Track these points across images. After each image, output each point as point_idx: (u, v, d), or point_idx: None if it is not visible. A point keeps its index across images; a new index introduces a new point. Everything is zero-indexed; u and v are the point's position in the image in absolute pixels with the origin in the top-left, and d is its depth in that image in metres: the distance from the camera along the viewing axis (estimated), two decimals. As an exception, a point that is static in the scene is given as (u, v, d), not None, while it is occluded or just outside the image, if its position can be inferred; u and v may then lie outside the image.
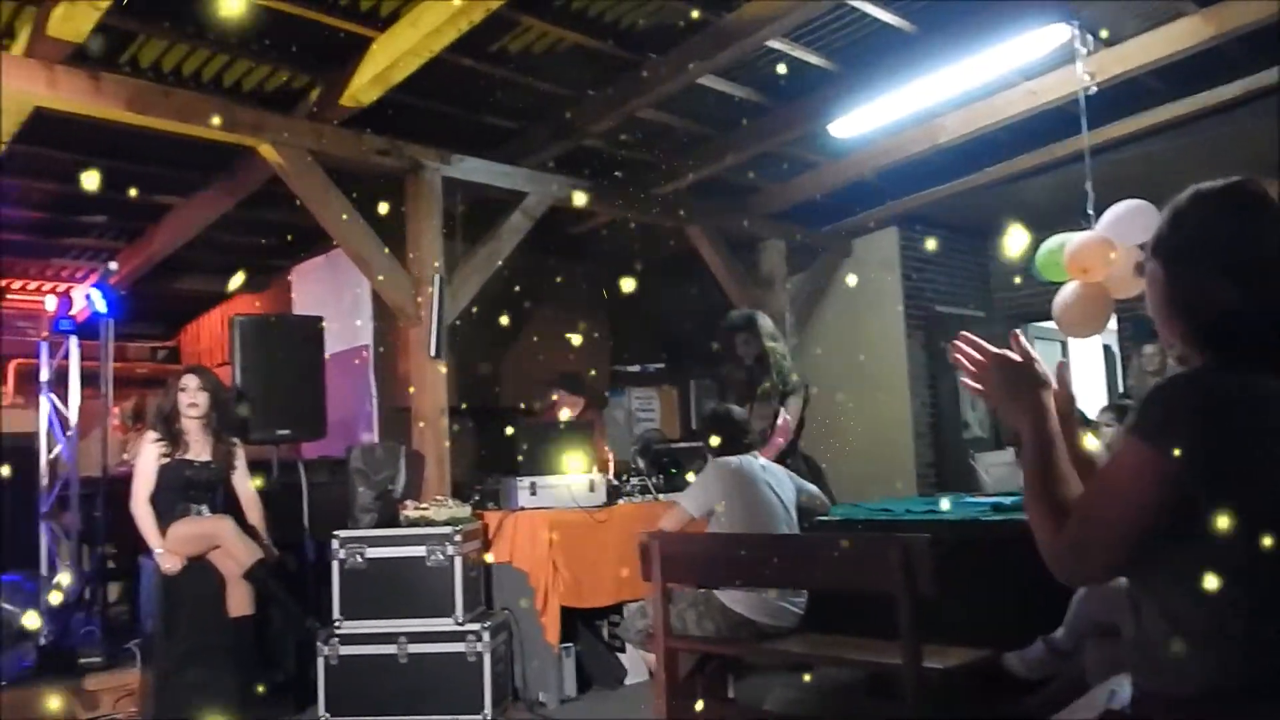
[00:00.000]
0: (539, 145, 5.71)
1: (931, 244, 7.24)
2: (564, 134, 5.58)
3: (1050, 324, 4.21)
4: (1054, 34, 4.78)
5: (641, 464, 4.90)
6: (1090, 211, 4.14)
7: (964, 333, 1.69)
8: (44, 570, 6.01)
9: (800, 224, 7.31)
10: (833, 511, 4.03)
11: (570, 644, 4.35)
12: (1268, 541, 1.26)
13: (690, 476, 4.52)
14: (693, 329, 6.94)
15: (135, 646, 4.70)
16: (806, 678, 3.98)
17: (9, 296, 6.87)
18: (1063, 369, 1.68)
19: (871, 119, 5.55)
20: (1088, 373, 8.50)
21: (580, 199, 5.79)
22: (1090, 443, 1.74)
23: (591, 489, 4.47)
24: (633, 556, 3.46)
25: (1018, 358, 1.60)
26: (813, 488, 3.85)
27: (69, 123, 4.77)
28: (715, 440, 3.75)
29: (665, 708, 3.31)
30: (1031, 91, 5.42)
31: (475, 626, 4.15)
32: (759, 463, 3.71)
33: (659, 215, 6.57)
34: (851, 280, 7.36)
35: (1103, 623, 2.97)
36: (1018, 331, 1.68)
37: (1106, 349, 8.36)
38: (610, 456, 5.16)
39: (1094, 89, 4.83)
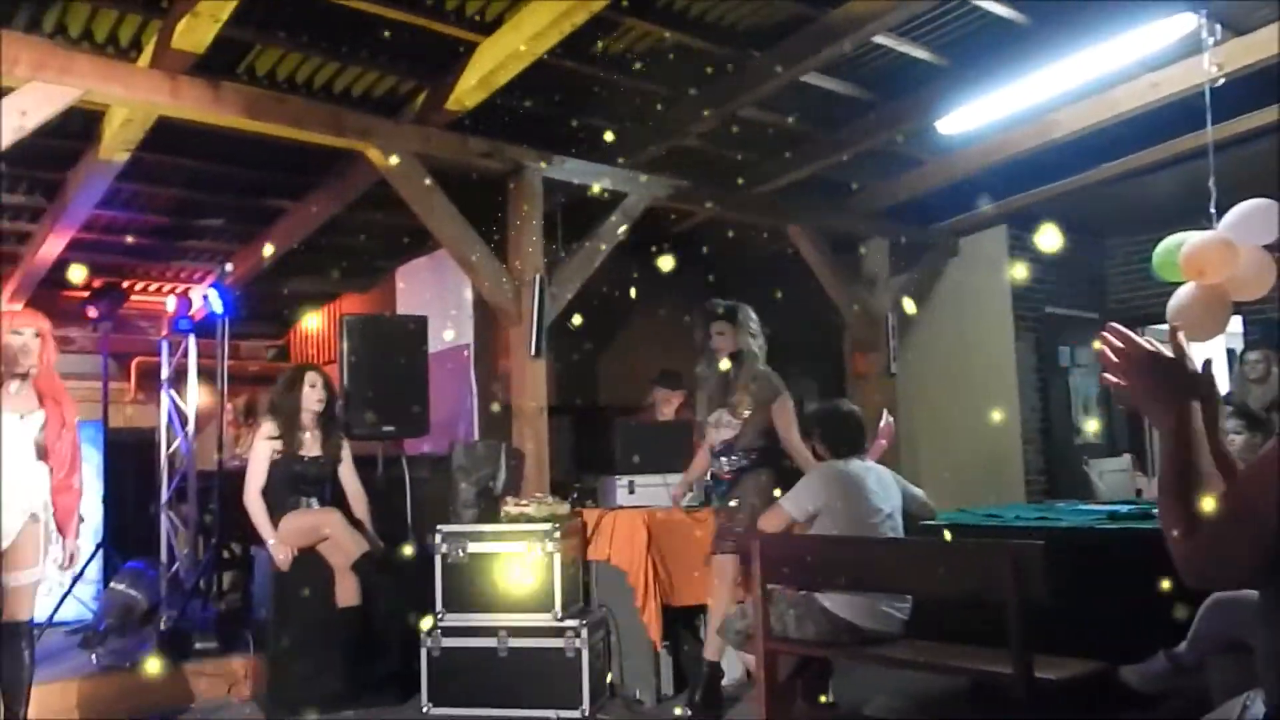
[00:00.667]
0: (639, 145, 5.80)
1: (1042, 243, 7.06)
2: (664, 133, 5.66)
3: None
4: (1179, 24, 4.63)
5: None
6: (1213, 210, 3.99)
7: (1112, 324, 1.63)
8: (164, 558, 6.37)
9: (905, 223, 7.23)
10: (939, 517, 3.99)
11: (668, 643, 4.41)
12: None
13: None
14: (793, 329, 6.92)
15: (249, 633, 4.95)
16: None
17: (132, 297, 7.28)
18: (1209, 367, 1.64)
19: (981, 114, 5.47)
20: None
21: (679, 199, 5.85)
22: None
23: (690, 488, 4.52)
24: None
25: (1170, 354, 1.56)
26: (919, 492, 3.82)
27: (189, 131, 5.05)
28: (822, 441, 3.75)
29: (765, 710, 3.35)
30: (1153, 84, 5.25)
31: (573, 623, 4.25)
32: (865, 465, 3.70)
33: (759, 214, 6.58)
34: (958, 280, 7.23)
35: (1230, 637, 2.87)
36: (1177, 325, 1.62)
37: (1231, 352, 8.00)
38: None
39: (1221, 80, 4.64)
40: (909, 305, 6.90)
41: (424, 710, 4.36)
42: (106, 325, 6.45)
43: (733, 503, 4.16)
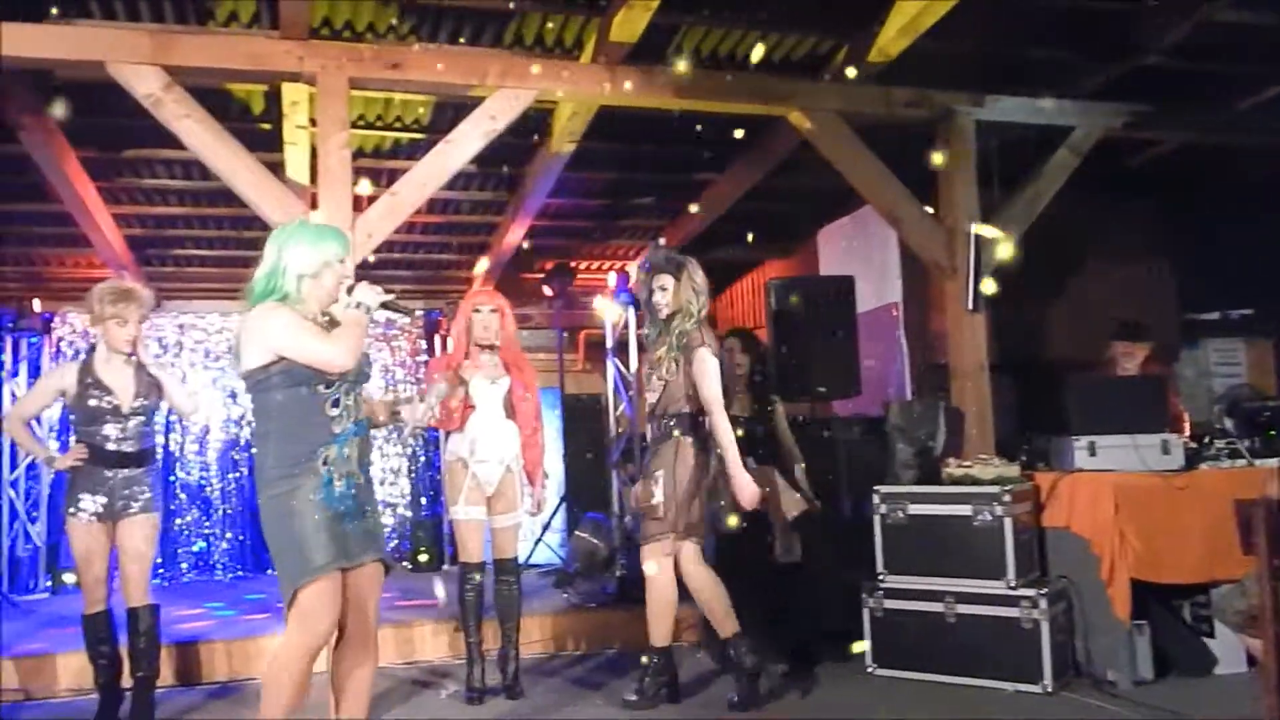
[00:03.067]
0: (1087, 72, 5.34)
1: None
2: (1118, 55, 5.15)
3: None
4: None
5: (1229, 424, 4.33)
6: None
7: None
8: (615, 510, 7.11)
9: None
10: None
11: (1144, 621, 4.05)
12: None
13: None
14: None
15: (696, 584, 5.36)
16: None
17: (578, 275, 8.17)
18: None
19: None
20: None
21: (1141, 127, 5.27)
22: None
23: (1165, 450, 4.09)
24: (1224, 529, 3.13)
25: None
26: None
27: (622, 117, 5.54)
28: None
29: (1273, 704, 2.95)
30: None
31: (1029, 592, 4.07)
32: None
33: (1251, 133, 5.71)
34: None
35: None
36: None
37: None
38: (1185, 415, 4.67)
39: None
40: None
41: (868, 670, 4.44)
42: (559, 302, 7.33)
43: (656, 481, 3.87)
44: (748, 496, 3.90)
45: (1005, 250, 5.07)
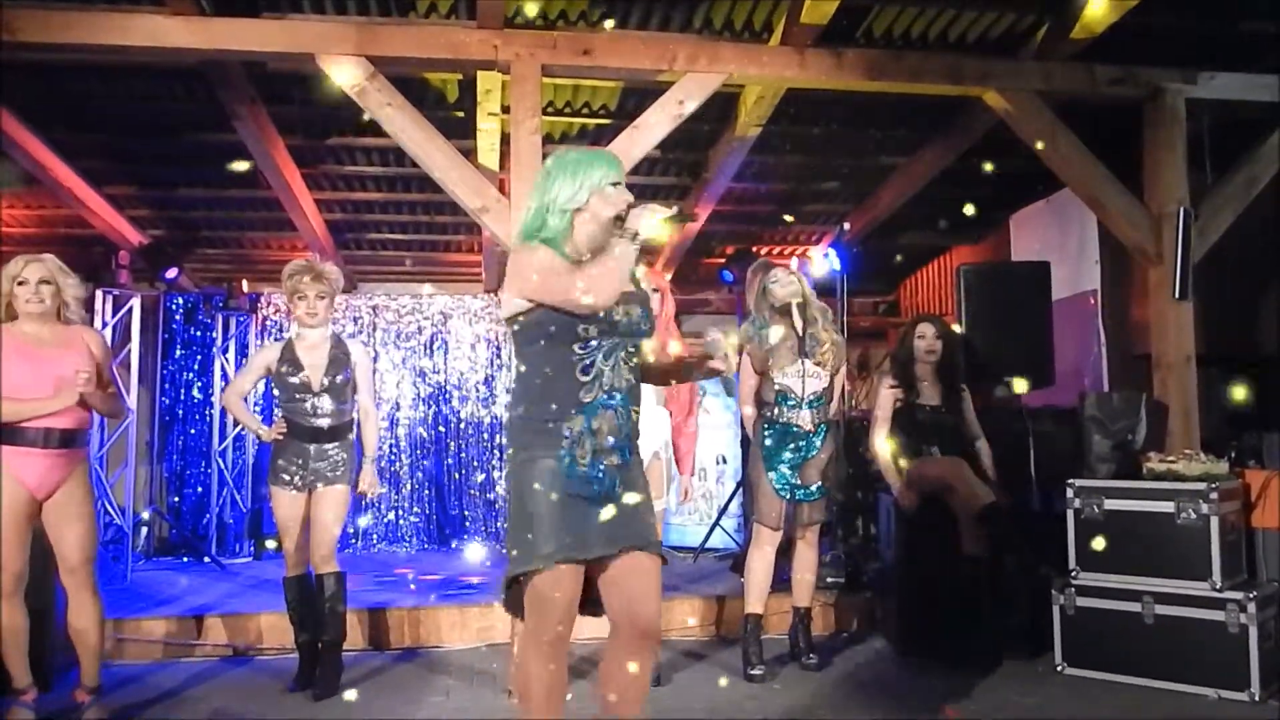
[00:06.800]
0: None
1: None
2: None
3: None
4: None
5: None
6: None
7: None
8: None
9: None
10: None
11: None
12: None
13: None
14: None
15: (874, 574, 5.52)
16: None
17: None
18: None
19: None
20: None
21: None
22: None
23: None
24: None
25: None
26: None
27: (808, 100, 5.68)
28: None
29: None
30: None
31: (1237, 595, 4.06)
32: None
33: None
34: None
35: None
36: None
37: None
38: None
39: None
40: None
41: (1058, 668, 4.50)
42: (739, 288, 7.57)
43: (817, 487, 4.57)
44: None
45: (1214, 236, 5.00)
